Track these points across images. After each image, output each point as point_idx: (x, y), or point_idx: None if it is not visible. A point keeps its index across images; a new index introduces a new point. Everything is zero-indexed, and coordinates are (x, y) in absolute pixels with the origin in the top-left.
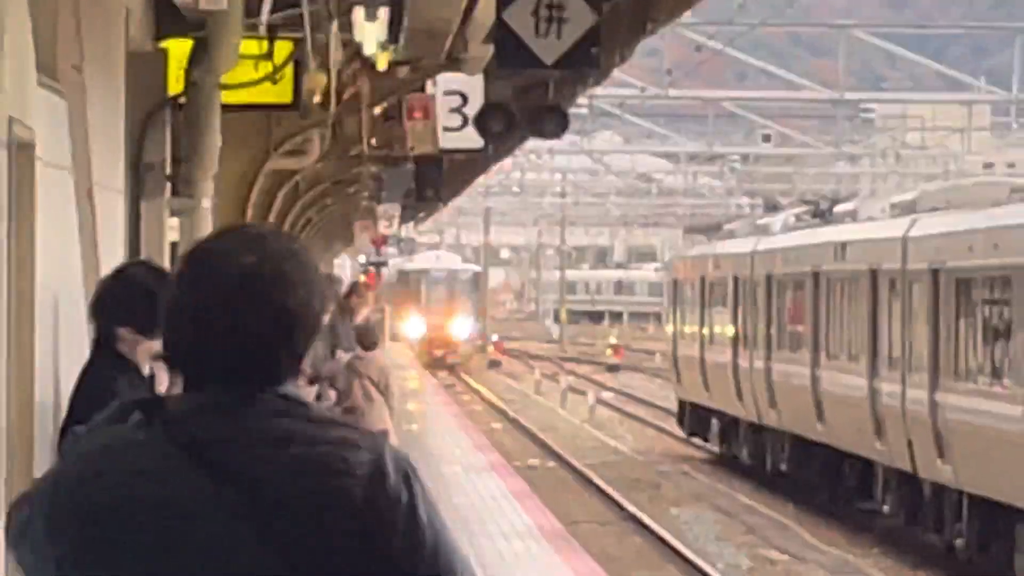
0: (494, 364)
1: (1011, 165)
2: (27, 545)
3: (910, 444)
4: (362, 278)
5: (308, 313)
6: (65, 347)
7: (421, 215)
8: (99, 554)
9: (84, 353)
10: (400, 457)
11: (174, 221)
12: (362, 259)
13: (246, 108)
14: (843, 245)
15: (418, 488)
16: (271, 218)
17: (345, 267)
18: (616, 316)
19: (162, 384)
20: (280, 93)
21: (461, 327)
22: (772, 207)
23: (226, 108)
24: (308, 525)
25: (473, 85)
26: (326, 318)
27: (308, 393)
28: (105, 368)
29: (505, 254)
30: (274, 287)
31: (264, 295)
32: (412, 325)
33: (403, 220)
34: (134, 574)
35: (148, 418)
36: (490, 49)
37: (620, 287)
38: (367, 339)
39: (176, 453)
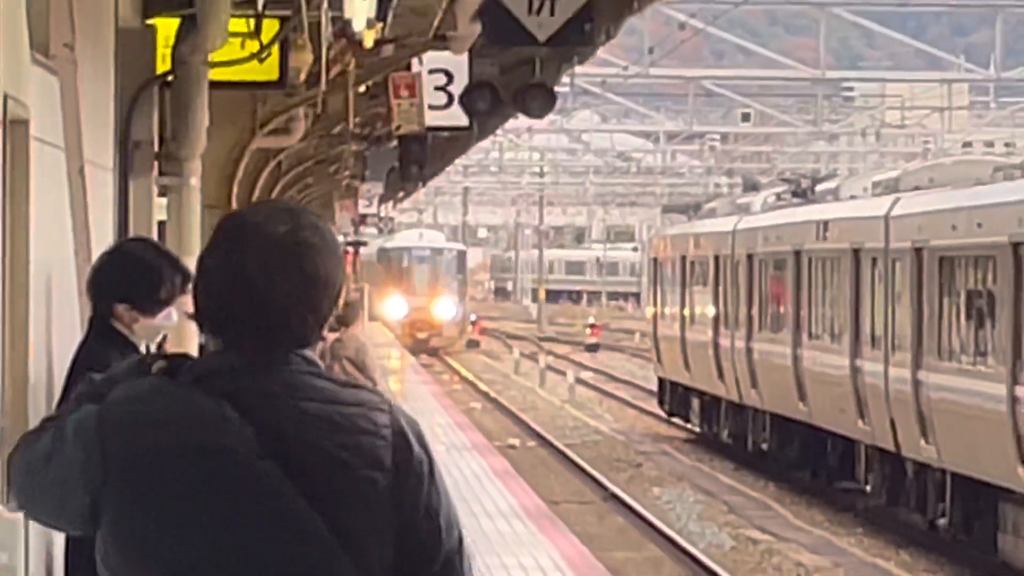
0: (473, 344)
1: (989, 144)
2: (60, 467)
3: (893, 423)
4: None
5: (334, 281)
6: (59, 325)
7: (400, 195)
8: (145, 497)
9: (77, 330)
10: (414, 423)
11: (162, 200)
12: (341, 238)
13: (232, 86)
14: (825, 224)
15: (433, 453)
16: (255, 197)
17: None
18: (594, 296)
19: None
20: (266, 71)
21: (445, 308)
22: (751, 186)
23: (213, 86)
24: (339, 478)
25: (458, 64)
26: None
27: None
28: (101, 345)
29: (483, 234)
30: (306, 255)
31: (297, 261)
32: (394, 306)
33: (383, 200)
34: (181, 517)
35: (173, 372)
36: (478, 27)
37: (600, 267)
38: (347, 316)
39: (213, 404)
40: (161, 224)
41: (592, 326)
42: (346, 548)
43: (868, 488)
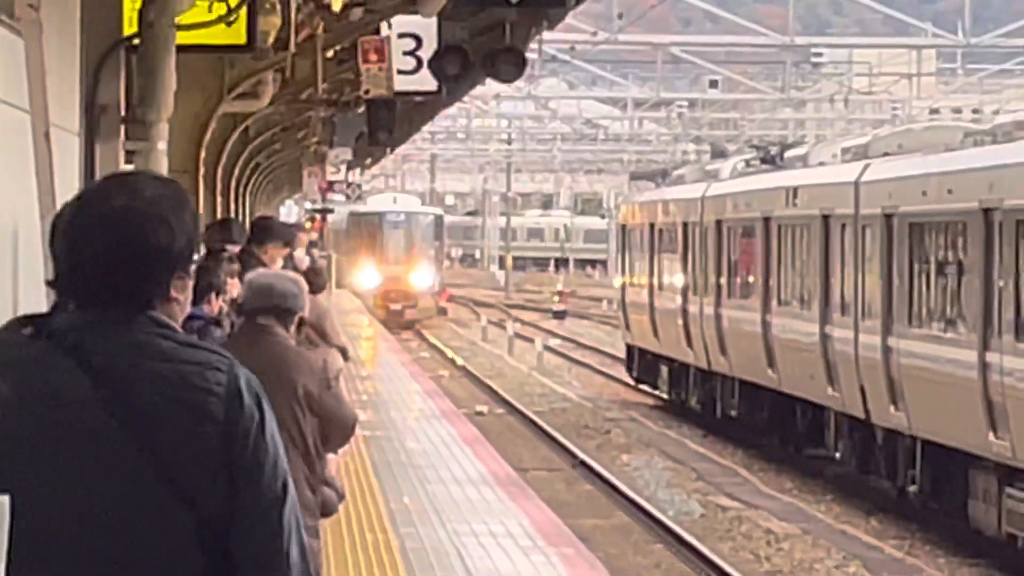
0: (441, 311)
1: (957, 111)
2: None
3: (863, 390)
4: (308, 224)
5: (170, 249)
6: (24, 289)
7: (368, 161)
8: None
9: (43, 294)
10: (252, 380)
11: (129, 166)
12: (308, 205)
13: (200, 50)
14: (794, 190)
15: (268, 410)
16: (222, 162)
17: (291, 214)
18: (562, 263)
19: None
20: (234, 35)
21: (421, 278)
22: (719, 153)
23: (180, 49)
24: (171, 431)
25: (427, 28)
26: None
27: None
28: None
29: (451, 200)
30: (134, 224)
31: (127, 233)
32: (366, 275)
33: (351, 166)
34: (14, 462)
35: (38, 330)
36: None
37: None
38: (314, 284)
39: (60, 356)
40: None
41: (560, 293)
42: (178, 498)
43: (837, 455)
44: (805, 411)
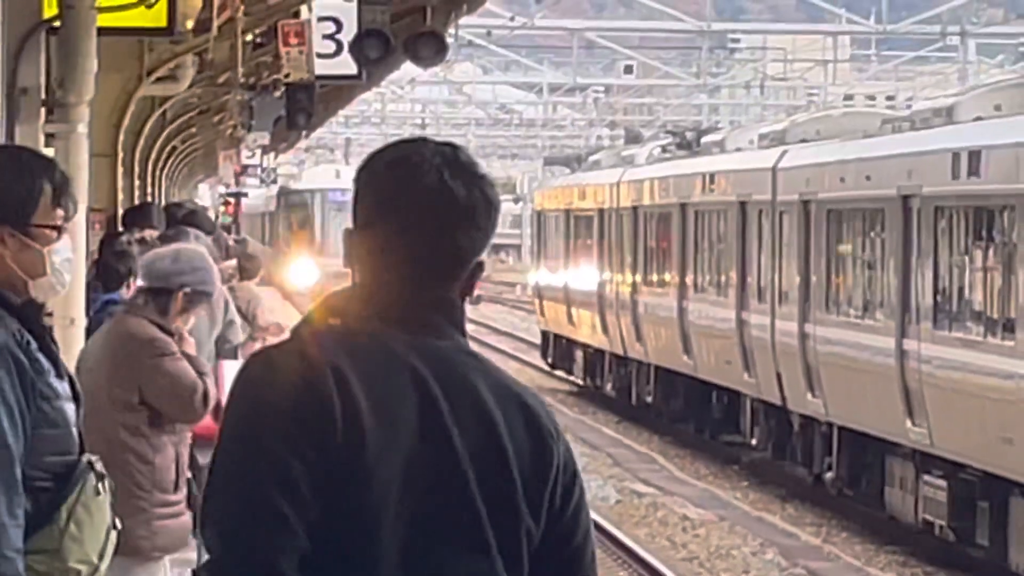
0: None
1: (871, 98)
2: None
3: (779, 377)
4: (222, 209)
5: None
6: None
7: (283, 145)
8: None
9: None
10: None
11: (49, 151)
12: (222, 189)
13: (120, 32)
14: (711, 176)
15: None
16: (140, 145)
17: (205, 197)
18: None
19: None
20: (154, 17)
21: None
22: (634, 138)
23: (100, 32)
24: None
25: (347, 11)
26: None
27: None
28: None
29: None
30: None
31: None
32: (300, 271)
33: (266, 150)
34: None
35: None
36: None
37: None
38: (248, 270)
39: None
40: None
41: None
42: None
43: (753, 441)
44: (721, 397)
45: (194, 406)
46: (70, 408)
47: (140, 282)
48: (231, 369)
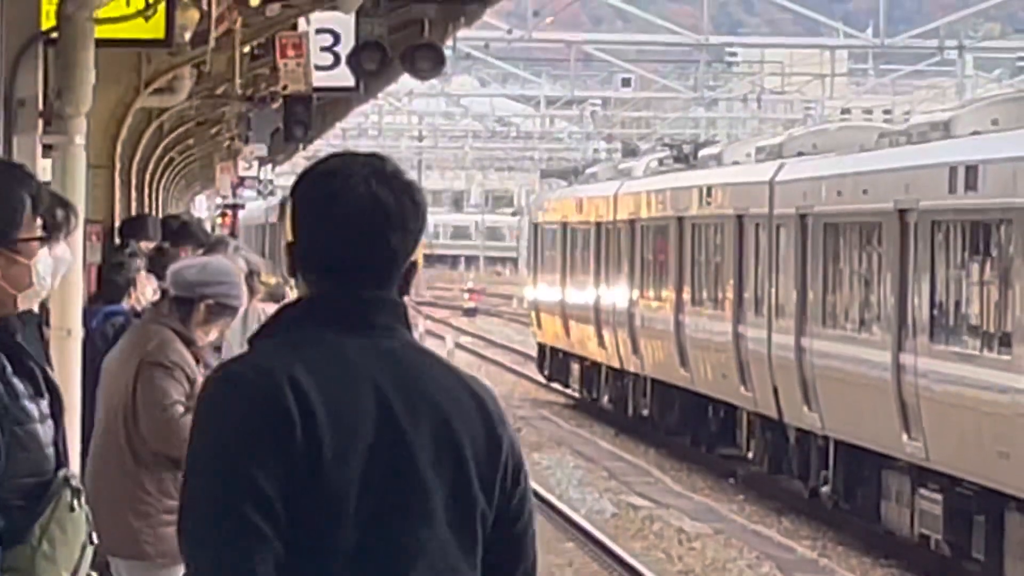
0: None
1: (868, 112)
2: None
3: (776, 390)
4: (219, 221)
5: None
6: None
7: (280, 157)
8: None
9: None
10: None
11: (46, 161)
12: (219, 201)
13: (118, 44)
14: (708, 189)
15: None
16: (137, 157)
17: (201, 208)
18: (471, 260)
19: None
20: (152, 29)
21: None
22: (631, 151)
23: (98, 43)
24: None
25: (345, 24)
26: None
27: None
28: None
29: None
30: None
31: None
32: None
33: (264, 162)
34: None
35: None
36: None
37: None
38: (252, 285)
39: None
40: (46, 184)
41: (470, 291)
42: None
43: (750, 455)
44: (717, 411)
45: (161, 428)
46: (46, 428)
47: (169, 289)
48: None
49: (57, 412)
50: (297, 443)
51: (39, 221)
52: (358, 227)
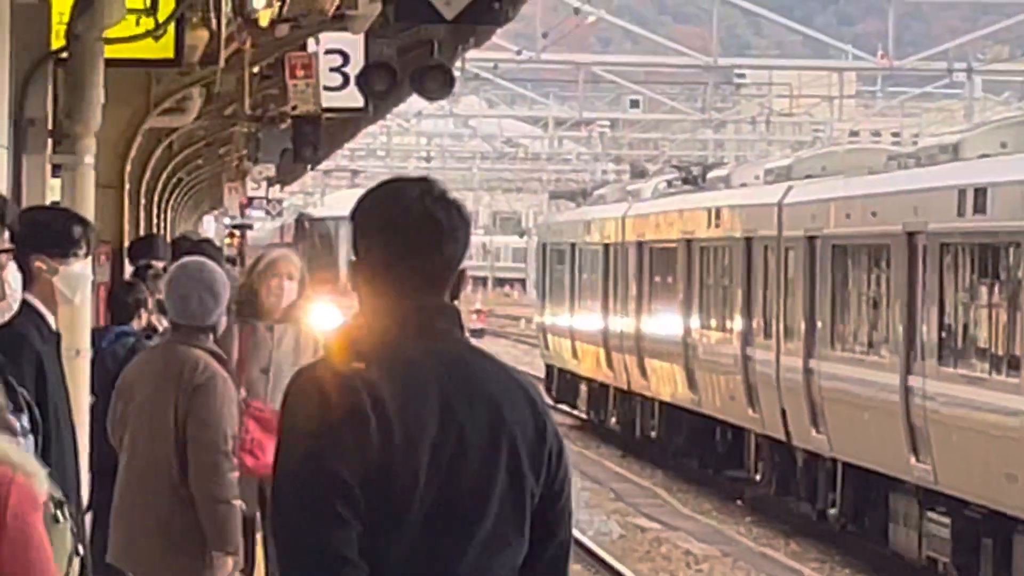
0: None
1: (876, 134)
2: None
3: (784, 412)
4: (227, 241)
5: None
6: None
7: (288, 177)
8: None
9: None
10: None
11: (55, 181)
12: (227, 221)
13: (128, 63)
14: (717, 211)
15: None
16: (146, 177)
17: (210, 229)
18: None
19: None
20: (162, 49)
21: None
22: (639, 173)
23: (108, 63)
24: None
25: (354, 44)
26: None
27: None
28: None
29: None
30: None
31: None
32: (320, 312)
33: (272, 182)
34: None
35: None
36: (378, 6)
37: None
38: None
39: None
40: (55, 203)
41: (478, 312)
42: None
43: (757, 477)
44: (725, 433)
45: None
46: (27, 443)
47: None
48: None
49: (35, 429)
50: (372, 437)
51: (6, 234)
52: (417, 241)
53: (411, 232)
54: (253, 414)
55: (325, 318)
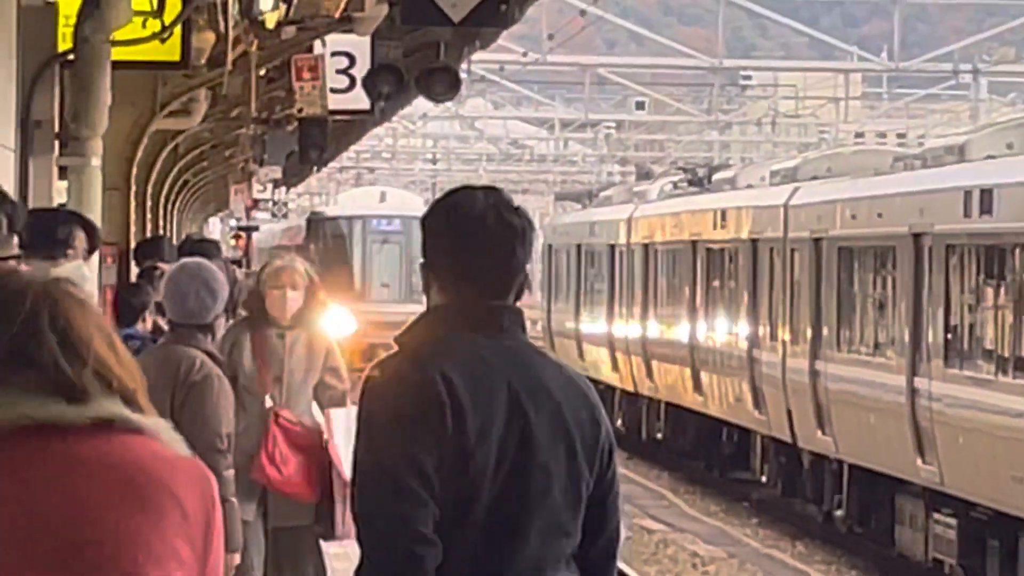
0: None
1: (882, 135)
2: None
3: (790, 414)
4: (232, 243)
5: None
6: None
7: (294, 179)
8: None
9: None
10: None
11: (62, 183)
12: (233, 223)
13: (134, 66)
14: (723, 213)
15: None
16: (152, 179)
17: (215, 231)
18: None
19: None
20: (168, 51)
21: None
22: (645, 174)
23: (114, 66)
24: None
25: (360, 46)
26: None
27: None
28: None
29: None
30: None
31: None
32: (337, 318)
33: (279, 184)
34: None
35: None
36: (384, 8)
37: None
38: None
39: None
40: (62, 205)
41: None
42: None
43: (763, 479)
44: (731, 434)
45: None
46: None
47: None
48: (340, 419)
49: None
50: (447, 426)
51: (15, 239)
52: (493, 246)
53: (488, 237)
54: (283, 424)
55: (337, 323)
